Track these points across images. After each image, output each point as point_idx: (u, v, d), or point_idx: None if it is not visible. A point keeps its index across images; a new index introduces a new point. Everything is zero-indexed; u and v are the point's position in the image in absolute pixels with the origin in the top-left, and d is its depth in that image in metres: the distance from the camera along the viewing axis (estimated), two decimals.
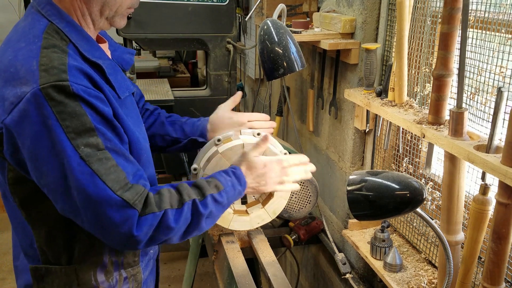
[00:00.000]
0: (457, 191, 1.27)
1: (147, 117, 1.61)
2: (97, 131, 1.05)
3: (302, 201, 1.70)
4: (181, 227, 1.15)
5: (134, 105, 1.28)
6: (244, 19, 3.31)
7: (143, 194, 1.10)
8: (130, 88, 1.23)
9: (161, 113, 1.62)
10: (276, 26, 1.54)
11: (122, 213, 1.06)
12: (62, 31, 1.10)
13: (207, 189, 1.20)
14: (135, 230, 1.07)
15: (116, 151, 1.08)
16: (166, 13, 2.37)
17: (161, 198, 1.13)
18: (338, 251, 2.00)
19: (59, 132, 1.01)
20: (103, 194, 1.04)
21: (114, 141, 1.09)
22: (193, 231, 1.18)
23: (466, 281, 1.25)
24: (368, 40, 1.81)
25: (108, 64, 1.16)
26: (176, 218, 1.13)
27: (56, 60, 1.03)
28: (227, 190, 1.24)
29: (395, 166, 1.76)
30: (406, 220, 1.76)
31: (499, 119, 1.10)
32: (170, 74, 4.04)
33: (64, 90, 1.01)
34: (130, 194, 1.07)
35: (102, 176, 1.04)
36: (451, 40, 1.23)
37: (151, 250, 1.38)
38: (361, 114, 1.80)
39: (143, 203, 1.10)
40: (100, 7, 1.15)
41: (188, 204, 1.15)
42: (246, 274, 1.57)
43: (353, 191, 1.07)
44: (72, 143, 1.02)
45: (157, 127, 1.59)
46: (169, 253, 3.75)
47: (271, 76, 1.55)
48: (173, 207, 1.13)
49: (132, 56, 1.39)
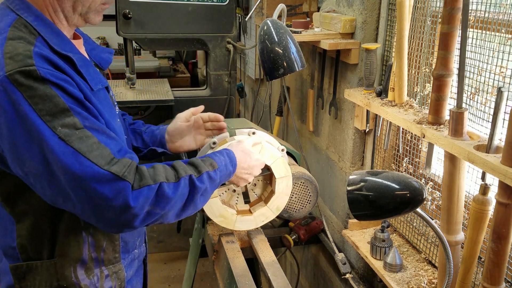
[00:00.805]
0: (457, 191, 1.27)
1: None
2: (72, 110, 1.04)
3: (302, 201, 1.70)
4: (178, 201, 1.15)
5: (108, 100, 1.26)
6: (244, 19, 3.31)
7: (131, 165, 1.09)
8: (103, 82, 1.22)
9: (126, 119, 1.60)
10: (276, 26, 1.54)
11: (113, 186, 1.04)
12: (31, 24, 1.09)
13: (203, 166, 1.22)
14: (131, 201, 1.06)
15: (96, 129, 1.07)
16: (166, 13, 2.37)
17: (155, 172, 1.13)
18: (338, 251, 2.00)
19: (34, 117, 1.00)
20: (89, 171, 1.03)
21: (91, 120, 1.07)
22: (188, 208, 1.18)
23: (466, 281, 1.25)
24: (368, 40, 1.81)
25: (78, 57, 1.15)
26: (173, 190, 1.13)
27: (21, 48, 1.02)
28: (221, 169, 1.26)
29: (395, 166, 1.76)
30: (406, 220, 1.76)
31: (499, 119, 1.10)
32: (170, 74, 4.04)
33: (31, 75, 1.00)
34: (118, 167, 1.06)
35: (85, 154, 1.03)
36: (451, 40, 1.23)
37: (134, 249, 1.37)
38: (361, 114, 1.80)
39: (137, 175, 1.09)
40: (73, 3, 1.14)
41: (184, 179, 1.16)
42: (246, 274, 1.57)
43: (353, 191, 1.07)
44: (48, 126, 1.01)
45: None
46: (169, 253, 3.76)
47: (271, 76, 1.55)
48: (169, 180, 1.13)
49: (111, 55, 1.39)
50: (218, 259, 1.81)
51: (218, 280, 1.73)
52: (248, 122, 1.81)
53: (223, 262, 1.71)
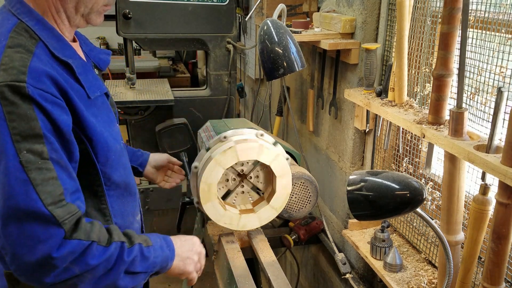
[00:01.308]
0: (457, 191, 1.27)
1: None
2: (45, 138, 1.01)
3: (302, 201, 1.70)
4: (100, 267, 1.08)
5: (107, 105, 1.25)
6: (244, 19, 3.31)
7: (75, 215, 1.05)
8: (102, 88, 1.22)
9: None
10: (276, 26, 1.54)
11: (48, 229, 1.00)
12: (31, 29, 1.08)
13: (136, 238, 1.16)
14: (55, 251, 1.01)
15: (61, 164, 1.04)
16: (166, 13, 2.37)
17: (92, 228, 1.08)
18: (338, 251, 2.00)
19: (4, 132, 0.98)
20: (32, 205, 0.99)
21: (60, 153, 1.04)
22: (107, 279, 1.10)
23: (466, 281, 1.25)
24: (368, 40, 1.81)
25: (78, 63, 1.15)
26: (99, 255, 1.07)
27: (17, 61, 1.01)
28: (155, 247, 1.21)
29: (395, 166, 1.76)
30: (406, 220, 1.76)
31: (499, 119, 1.10)
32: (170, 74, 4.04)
33: (19, 91, 0.98)
34: (62, 211, 1.02)
35: (36, 186, 0.99)
36: (451, 40, 1.23)
37: None
38: (361, 114, 1.80)
39: (73, 226, 1.04)
40: (75, 4, 1.13)
41: (116, 244, 1.11)
42: (246, 274, 1.56)
43: (353, 191, 1.07)
44: (15, 146, 0.98)
45: None
46: None
47: (271, 76, 1.55)
48: (100, 242, 1.08)
49: (108, 56, 1.39)
50: (218, 259, 1.81)
51: (218, 280, 1.73)
52: (248, 122, 1.81)
53: (223, 262, 1.70)
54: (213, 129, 1.72)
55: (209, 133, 1.74)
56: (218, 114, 2.65)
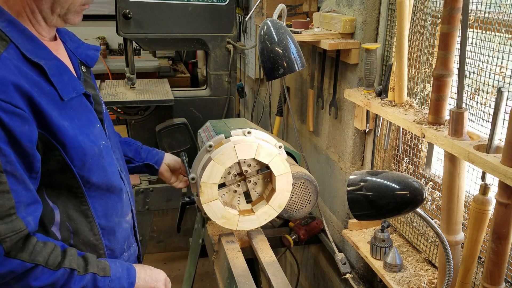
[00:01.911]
0: (457, 191, 1.27)
1: None
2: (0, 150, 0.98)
3: (302, 201, 1.70)
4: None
5: (85, 106, 1.22)
6: (244, 19, 3.31)
7: (19, 233, 1.02)
8: (78, 89, 1.19)
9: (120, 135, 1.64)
10: (276, 26, 1.54)
11: None
12: (2, 30, 1.06)
13: (92, 266, 1.14)
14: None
15: (16, 177, 1.02)
16: (166, 13, 2.37)
17: (42, 250, 1.06)
18: (338, 251, 2.00)
19: None
20: None
21: (16, 165, 1.02)
22: None
23: (466, 281, 1.25)
24: (368, 40, 1.81)
25: (52, 64, 1.13)
26: (44, 278, 1.05)
27: None
28: (112, 278, 1.17)
29: (395, 166, 1.76)
30: (406, 220, 1.76)
31: (499, 119, 1.10)
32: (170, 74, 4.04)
33: None
34: (5, 227, 0.99)
35: None
36: (451, 40, 1.23)
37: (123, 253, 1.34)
38: (361, 114, 1.80)
39: (18, 244, 1.02)
40: (51, 5, 1.11)
41: (64, 270, 1.08)
42: (246, 274, 1.56)
43: (353, 191, 1.07)
44: None
45: None
46: (169, 253, 3.76)
47: (271, 76, 1.55)
48: (48, 265, 1.06)
49: (97, 52, 1.36)
50: (218, 259, 1.81)
51: (218, 280, 1.73)
52: (248, 122, 1.81)
53: (223, 262, 1.71)
54: (213, 129, 1.72)
55: (209, 133, 1.74)
56: (218, 114, 2.65)
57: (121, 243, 1.33)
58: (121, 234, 1.32)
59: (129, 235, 1.38)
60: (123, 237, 1.34)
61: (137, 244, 1.45)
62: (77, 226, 1.20)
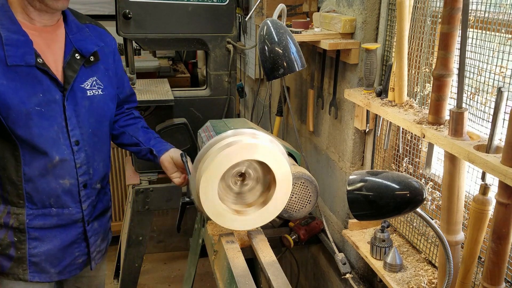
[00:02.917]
0: (457, 191, 1.27)
1: (128, 118, 1.89)
2: None
3: (302, 201, 1.70)
4: None
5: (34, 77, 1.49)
6: (244, 19, 3.31)
7: None
8: (28, 61, 1.46)
9: (141, 121, 1.92)
10: (276, 26, 1.54)
11: None
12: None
13: None
14: None
15: None
16: (166, 13, 2.37)
17: None
18: (338, 251, 2.00)
19: None
20: None
21: None
22: None
23: (466, 281, 1.25)
24: (368, 40, 1.81)
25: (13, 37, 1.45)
26: None
27: None
28: None
29: (395, 166, 1.76)
30: (406, 220, 1.76)
31: (499, 119, 1.10)
32: (170, 74, 4.04)
33: None
34: None
35: None
36: (451, 40, 1.23)
37: (49, 207, 1.60)
38: (361, 114, 1.80)
39: None
40: None
41: None
42: (246, 274, 1.56)
43: (353, 191, 1.07)
44: None
45: (131, 128, 1.87)
46: (169, 253, 3.76)
47: (271, 76, 1.55)
48: None
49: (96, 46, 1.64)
50: (218, 259, 1.81)
51: (218, 280, 1.72)
52: (248, 122, 1.81)
53: (223, 262, 1.70)
54: (213, 129, 1.72)
55: (209, 133, 1.74)
56: (218, 114, 2.65)
57: (42, 196, 1.58)
58: (44, 189, 1.57)
59: (60, 196, 1.60)
60: (47, 192, 1.58)
61: (81, 210, 1.66)
62: (6, 164, 1.53)
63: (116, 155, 3.60)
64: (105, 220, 1.85)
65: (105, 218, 1.84)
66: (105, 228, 1.85)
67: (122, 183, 3.75)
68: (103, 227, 1.83)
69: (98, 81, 1.65)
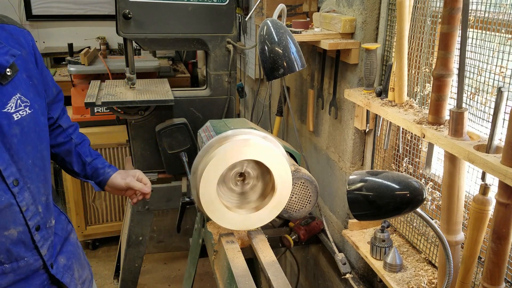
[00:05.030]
0: (457, 191, 1.27)
1: (57, 134, 1.60)
2: None
3: (302, 201, 1.70)
4: None
5: None
6: (244, 19, 3.31)
7: None
8: None
9: (73, 138, 1.63)
10: (276, 26, 1.54)
11: None
12: None
13: None
14: None
15: None
16: (166, 13, 2.37)
17: None
18: (338, 251, 2.00)
19: None
20: None
21: None
22: None
23: (466, 281, 1.25)
24: (368, 40, 1.81)
25: None
26: None
27: None
28: None
29: (395, 166, 1.76)
30: (406, 220, 1.76)
31: (499, 119, 1.10)
32: (170, 74, 4.04)
33: None
34: None
35: None
36: (451, 40, 1.23)
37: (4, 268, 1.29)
38: (361, 114, 1.80)
39: None
40: None
41: None
42: (246, 274, 1.56)
43: (353, 191, 1.07)
44: None
45: (63, 151, 1.62)
46: (169, 253, 3.75)
47: (271, 76, 1.55)
48: None
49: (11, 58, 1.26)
50: (218, 259, 1.81)
51: (218, 280, 1.72)
52: (248, 122, 1.81)
53: (223, 262, 1.70)
54: (213, 129, 1.72)
55: (209, 133, 1.74)
56: (218, 114, 2.65)
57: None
58: None
59: (10, 249, 1.30)
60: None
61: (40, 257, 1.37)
62: None
63: (116, 155, 3.60)
64: (72, 245, 1.54)
65: (70, 242, 1.54)
66: (76, 253, 1.55)
67: None
68: (74, 255, 1.53)
69: (22, 97, 1.28)
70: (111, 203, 3.67)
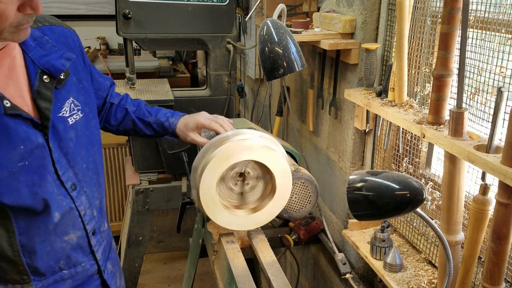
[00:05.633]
0: (457, 191, 1.27)
1: (114, 112, 1.63)
2: None
3: (302, 201, 1.70)
4: None
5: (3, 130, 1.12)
6: (244, 19, 3.31)
7: None
8: None
9: (128, 108, 1.63)
10: (276, 26, 1.54)
11: None
12: None
13: None
14: None
15: None
16: (166, 13, 2.37)
17: None
18: (338, 251, 2.00)
19: None
20: None
21: None
22: None
23: (466, 281, 1.25)
24: (368, 40, 1.81)
25: None
26: None
27: None
28: None
29: (395, 166, 1.76)
30: (406, 220, 1.76)
31: (499, 119, 1.10)
32: (170, 74, 4.04)
33: None
34: None
35: None
36: (451, 40, 1.23)
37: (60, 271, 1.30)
38: (361, 114, 1.80)
39: None
40: None
41: None
42: (246, 274, 1.56)
43: (353, 191, 1.07)
44: None
45: (128, 123, 1.63)
46: (169, 253, 3.76)
47: (271, 76, 1.55)
48: None
49: (67, 61, 1.25)
50: (218, 259, 1.81)
51: (218, 280, 1.73)
52: (248, 122, 1.81)
53: (223, 262, 1.70)
54: None
55: (209, 133, 1.74)
56: (218, 114, 2.65)
57: (50, 262, 1.27)
58: (49, 254, 1.26)
59: (69, 255, 1.31)
60: (55, 257, 1.28)
61: (95, 262, 1.39)
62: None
63: (116, 155, 3.61)
64: (115, 253, 1.57)
65: (113, 249, 1.56)
66: (118, 261, 1.58)
67: (122, 183, 3.76)
68: (117, 262, 1.55)
69: (75, 101, 1.30)
70: (111, 203, 3.67)
